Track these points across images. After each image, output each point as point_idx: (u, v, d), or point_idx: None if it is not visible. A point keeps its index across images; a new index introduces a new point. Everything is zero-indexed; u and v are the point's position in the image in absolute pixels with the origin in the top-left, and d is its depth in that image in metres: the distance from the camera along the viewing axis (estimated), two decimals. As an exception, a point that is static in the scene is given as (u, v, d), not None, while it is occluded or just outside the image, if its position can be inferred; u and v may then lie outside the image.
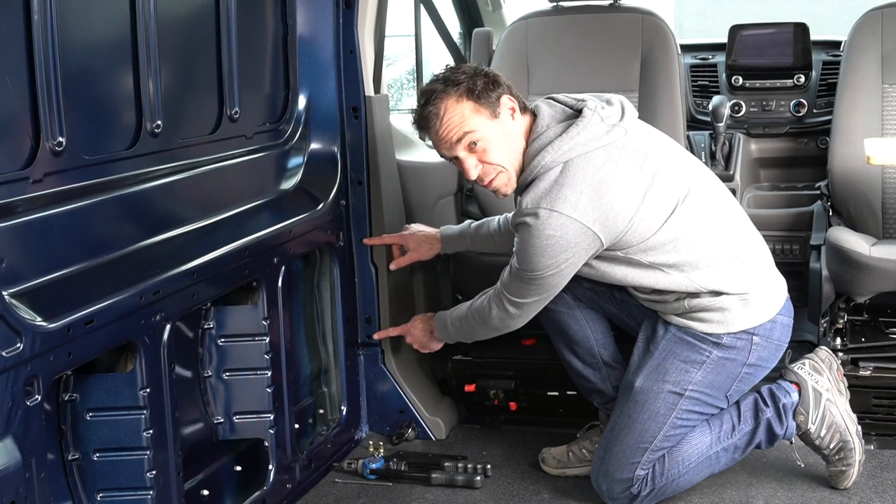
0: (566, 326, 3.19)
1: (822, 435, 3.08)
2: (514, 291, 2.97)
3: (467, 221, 3.46)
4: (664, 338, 2.97)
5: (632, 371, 3.03)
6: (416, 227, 3.50)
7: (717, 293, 2.89)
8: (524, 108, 2.93)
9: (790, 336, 3.03)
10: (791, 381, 3.11)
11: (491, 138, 2.85)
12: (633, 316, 3.11)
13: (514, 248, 2.91)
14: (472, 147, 2.86)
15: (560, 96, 2.96)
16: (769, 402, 3.06)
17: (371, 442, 3.44)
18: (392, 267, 3.51)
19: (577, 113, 2.88)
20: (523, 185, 2.87)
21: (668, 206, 2.84)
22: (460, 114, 2.84)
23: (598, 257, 2.89)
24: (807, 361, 3.14)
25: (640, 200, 2.80)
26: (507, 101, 2.87)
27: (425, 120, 2.88)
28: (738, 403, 3.07)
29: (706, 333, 2.92)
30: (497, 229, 3.34)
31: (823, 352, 3.19)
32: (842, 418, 3.08)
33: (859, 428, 3.13)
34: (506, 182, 2.91)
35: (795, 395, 3.08)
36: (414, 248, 3.47)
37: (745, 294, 2.90)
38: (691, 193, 2.88)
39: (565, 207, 2.75)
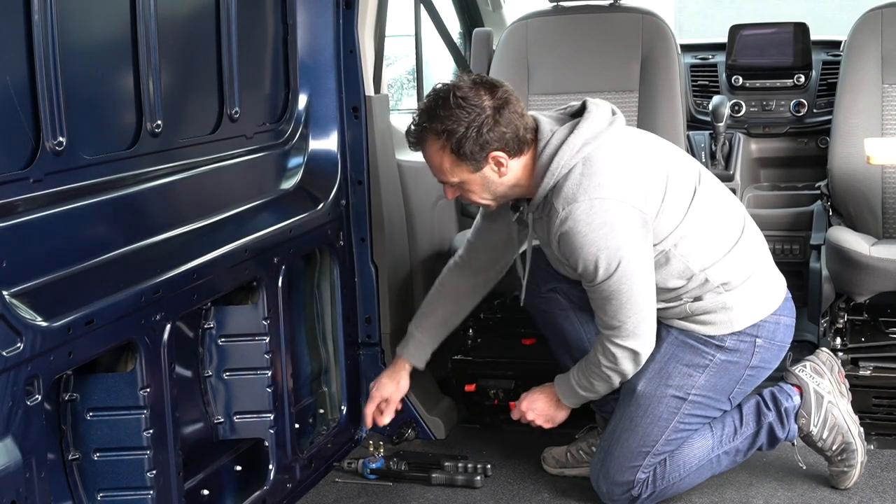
0: (561, 328, 3.18)
1: (824, 437, 3.08)
2: (612, 320, 2.79)
3: (409, 330, 3.28)
4: (666, 341, 2.96)
5: (634, 375, 3.02)
6: (379, 382, 3.25)
7: (723, 289, 2.87)
8: (519, 150, 2.75)
9: (792, 336, 3.03)
10: (793, 384, 3.10)
11: (471, 183, 2.78)
12: None
13: (577, 271, 2.77)
14: (451, 184, 2.82)
15: (543, 112, 2.91)
16: (771, 405, 3.06)
17: (371, 442, 3.44)
18: (386, 420, 3.23)
19: (569, 116, 2.86)
20: (544, 193, 2.76)
21: (688, 189, 2.84)
22: (440, 161, 2.75)
23: None
24: (808, 364, 3.14)
25: (665, 181, 2.80)
26: (496, 156, 2.72)
27: (411, 145, 2.82)
28: (739, 407, 3.07)
29: (709, 336, 2.92)
30: (445, 303, 3.21)
31: (825, 354, 3.19)
32: (844, 420, 3.08)
33: (861, 430, 3.12)
34: (488, 203, 2.87)
35: (797, 399, 3.07)
36: (393, 394, 3.21)
37: (748, 282, 2.89)
38: (701, 181, 2.90)
39: (603, 192, 2.68)
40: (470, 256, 3.19)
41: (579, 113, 2.84)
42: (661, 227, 2.80)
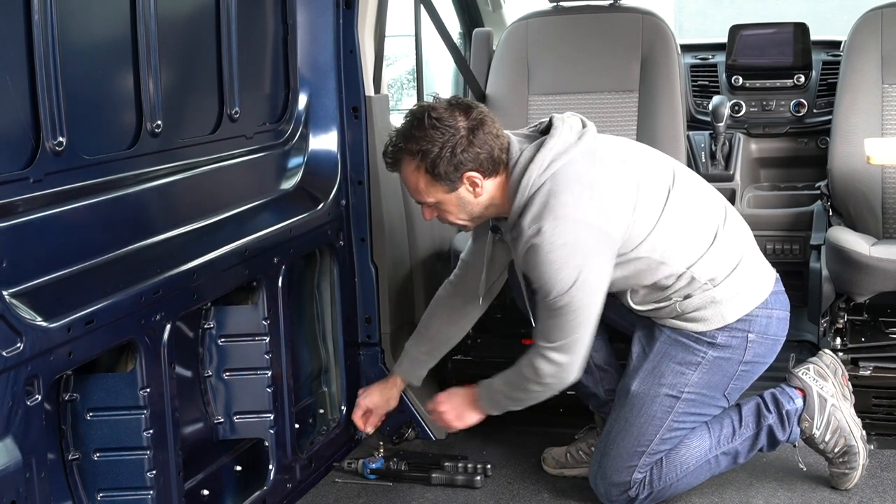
0: None
1: (826, 440, 3.07)
2: (553, 334, 2.80)
3: (405, 348, 3.30)
4: (659, 340, 2.96)
5: (628, 375, 3.02)
6: (369, 391, 3.30)
7: (710, 284, 2.87)
8: (494, 170, 2.78)
9: (787, 330, 3.02)
10: (795, 387, 3.09)
11: (447, 203, 2.82)
12: (626, 318, 3.10)
13: (534, 286, 2.81)
14: (428, 204, 2.85)
15: (514, 131, 2.91)
16: (772, 407, 3.06)
17: (371, 442, 3.44)
18: (369, 430, 3.30)
19: (539, 134, 2.85)
20: (517, 212, 2.78)
21: (661, 194, 2.84)
22: (415, 181, 2.79)
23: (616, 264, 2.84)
24: (811, 366, 3.13)
25: (636, 191, 2.80)
26: (470, 177, 2.75)
27: (388, 166, 2.86)
28: (739, 408, 3.07)
29: (700, 333, 2.92)
30: (444, 314, 3.24)
31: (828, 356, 3.18)
32: (847, 423, 3.07)
33: (864, 432, 3.12)
34: (464, 223, 2.90)
35: (800, 402, 3.07)
36: (378, 407, 3.26)
37: (734, 273, 2.88)
38: (675, 181, 2.89)
39: (568, 212, 2.71)
40: (463, 275, 3.20)
41: (548, 130, 2.84)
42: (635, 234, 2.81)
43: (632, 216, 2.79)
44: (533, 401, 2.98)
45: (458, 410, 3.07)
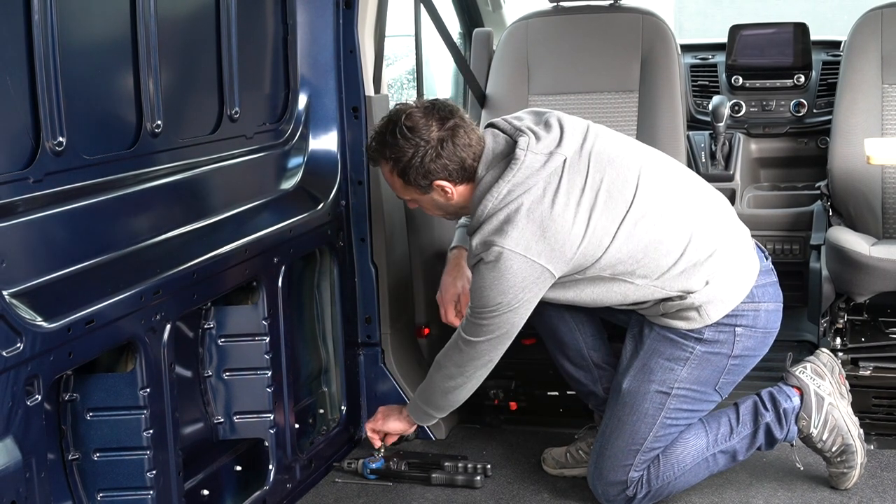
0: (556, 329, 3.19)
1: (824, 438, 3.07)
2: (469, 330, 2.92)
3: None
4: (649, 337, 2.96)
5: (620, 373, 3.02)
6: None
7: (685, 293, 2.86)
8: (466, 178, 2.85)
9: (779, 322, 3.00)
10: (793, 386, 3.09)
11: (422, 201, 2.96)
12: (623, 313, 3.09)
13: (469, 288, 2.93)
14: (406, 199, 2.99)
15: (502, 123, 2.91)
16: (769, 406, 3.06)
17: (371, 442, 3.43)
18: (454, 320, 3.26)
19: (514, 143, 2.84)
20: (474, 227, 2.85)
21: (616, 218, 2.80)
22: (391, 181, 2.92)
23: (561, 284, 2.86)
24: (808, 365, 3.13)
25: (586, 223, 2.78)
26: (440, 185, 2.84)
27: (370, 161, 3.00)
28: (736, 406, 3.07)
29: (687, 330, 2.92)
30: None
31: (825, 355, 3.18)
32: (844, 422, 3.07)
33: (861, 431, 3.12)
34: (442, 216, 3.07)
35: (797, 400, 3.07)
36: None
37: (712, 282, 2.85)
38: (639, 196, 2.83)
39: (509, 243, 2.75)
40: None
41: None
42: (582, 261, 2.81)
43: (576, 250, 2.79)
44: (453, 399, 3.05)
45: (378, 422, 3.25)
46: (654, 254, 2.83)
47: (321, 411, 3.52)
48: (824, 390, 3.08)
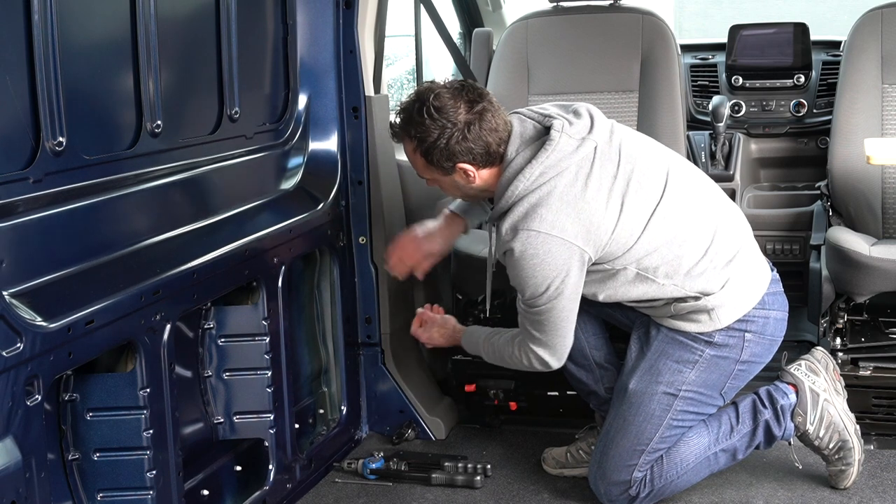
0: None
1: (820, 435, 3.08)
2: (531, 329, 2.91)
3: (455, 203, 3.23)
4: (657, 339, 2.96)
5: (626, 373, 3.02)
6: (413, 233, 3.19)
7: (701, 295, 2.87)
8: (489, 163, 2.81)
9: (784, 331, 3.02)
10: (788, 383, 3.11)
11: (442, 182, 2.91)
12: (626, 315, 3.10)
13: (510, 283, 2.89)
14: (426, 178, 2.94)
15: (528, 111, 2.91)
16: (767, 403, 3.07)
17: (371, 442, 3.44)
18: (420, 276, 3.25)
19: (546, 130, 2.84)
20: (500, 213, 2.83)
21: (647, 209, 2.82)
22: (414, 160, 2.88)
23: (587, 279, 2.86)
24: (803, 362, 3.15)
25: (619, 208, 2.79)
26: (463, 168, 2.80)
27: (393, 136, 2.94)
28: (736, 405, 3.08)
29: (697, 333, 2.92)
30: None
31: (819, 352, 3.19)
32: (840, 418, 3.08)
33: (858, 427, 3.13)
34: (460, 197, 3.04)
35: (793, 397, 3.08)
36: (425, 256, 3.16)
37: (728, 285, 2.87)
38: (668, 191, 2.86)
39: (544, 226, 2.74)
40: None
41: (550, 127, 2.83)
42: (613, 250, 2.81)
43: (611, 235, 2.79)
44: (514, 368, 3.09)
45: (432, 339, 3.30)
46: (678, 250, 2.84)
47: (321, 411, 3.52)
48: (819, 386, 3.09)
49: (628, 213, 2.80)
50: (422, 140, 2.78)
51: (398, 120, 2.87)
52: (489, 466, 3.32)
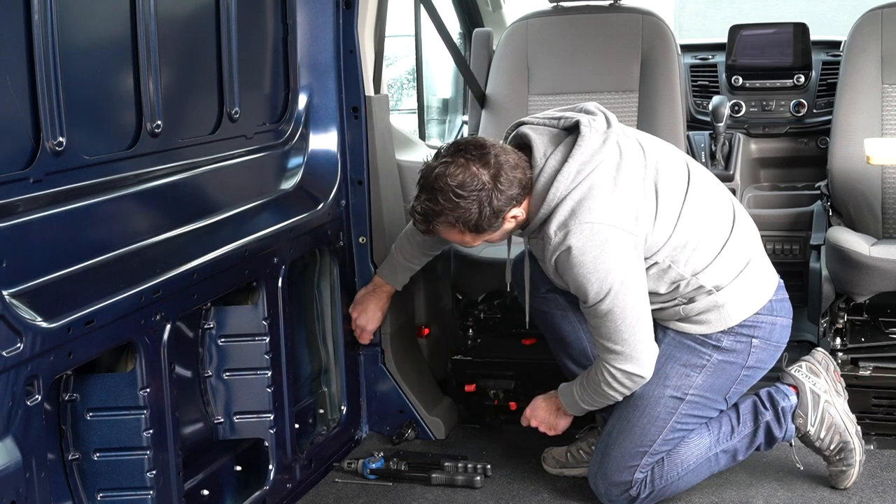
0: (559, 328, 3.19)
1: (821, 436, 3.08)
2: (608, 341, 2.82)
3: (390, 251, 3.39)
4: (663, 342, 2.96)
5: (630, 375, 3.02)
6: (359, 304, 3.43)
7: (714, 289, 2.87)
8: (525, 194, 2.77)
9: (788, 337, 3.03)
10: (789, 384, 3.11)
11: (494, 237, 2.86)
12: None
13: (571, 291, 2.82)
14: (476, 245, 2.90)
15: (533, 119, 2.89)
16: (768, 405, 3.07)
17: (371, 442, 3.44)
18: (365, 341, 3.49)
19: (563, 131, 2.83)
20: (541, 221, 2.78)
21: (678, 199, 2.84)
22: (461, 238, 2.82)
23: None
24: (804, 364, 3.15)
25: (655, 197, 2.80)
26: (512, 214, 2.76)
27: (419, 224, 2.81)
28: (737, 406, 3.08)
29: (705, 336, 2.92)
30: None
31: (820, 353, 3.19)
32: (841, 419, 3.08)
33: (859, 428, 3.13)
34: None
35: (794, 398, 3.08)
36: (372, 315, 3.41)
37: (739, 278, 2.88)
38: (692, 182, 2.88)
39: (595, 217, 2.71)
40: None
41: (573, 126, 2.82)
42: (655, 241, 2.81)
43: (654, 222, 2.79)
44: (617, 400, 2.96)
45: (547, 423, 3.17)
46: (703, 242, 2.85)
47: (321, 411, 3.52)
48: (820, 388, 3.09)
49: (664, 202, 2.80)
50: (466, 221, 2.71)
51: (422, 218, 2.76)
52: (489, 466, 3.32)
